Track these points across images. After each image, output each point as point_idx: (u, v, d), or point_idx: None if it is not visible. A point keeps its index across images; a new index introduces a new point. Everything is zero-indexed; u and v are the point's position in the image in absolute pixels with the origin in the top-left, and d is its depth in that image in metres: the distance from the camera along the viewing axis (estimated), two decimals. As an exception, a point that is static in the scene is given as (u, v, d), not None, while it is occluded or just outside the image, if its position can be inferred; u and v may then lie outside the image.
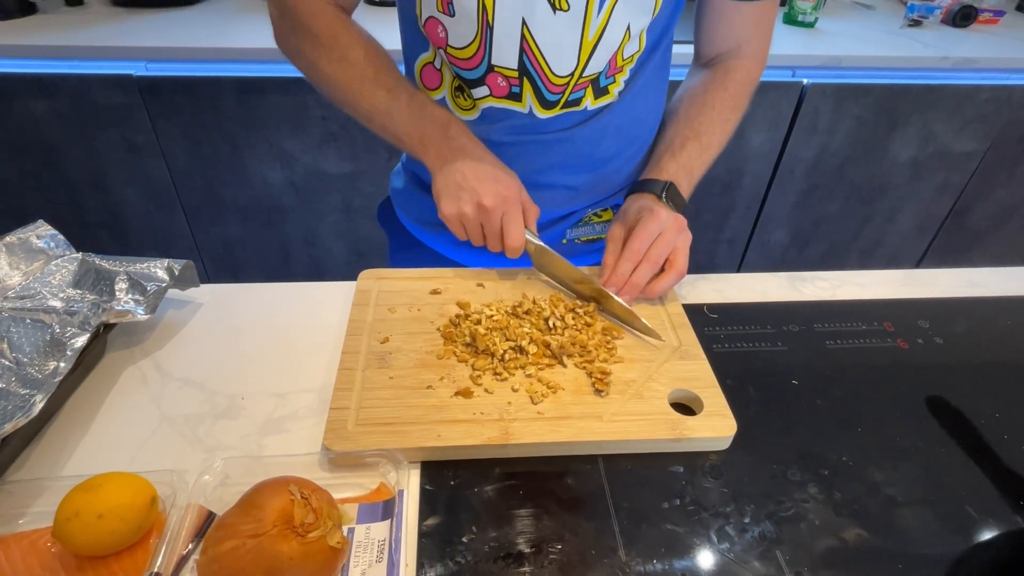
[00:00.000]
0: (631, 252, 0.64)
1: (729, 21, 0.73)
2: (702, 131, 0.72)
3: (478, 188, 0.62)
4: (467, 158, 0.63)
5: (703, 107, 0.73)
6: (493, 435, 0.52)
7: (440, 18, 0.63)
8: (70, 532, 0.41)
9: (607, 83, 0.68)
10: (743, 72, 0.75)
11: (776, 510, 0.50)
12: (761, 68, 0.78)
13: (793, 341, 0.66)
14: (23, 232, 0.63)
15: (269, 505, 0.41)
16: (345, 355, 0.58)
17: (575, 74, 0.64)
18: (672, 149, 0.72)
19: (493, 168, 0.64)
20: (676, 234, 0.65)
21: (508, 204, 0.63)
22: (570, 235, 0.81)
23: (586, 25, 0.61)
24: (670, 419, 0.54)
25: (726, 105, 0.74)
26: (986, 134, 1.63)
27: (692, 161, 0.71)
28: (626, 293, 0.64)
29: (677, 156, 0.71)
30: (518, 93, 0.66)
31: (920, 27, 1.67)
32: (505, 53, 0.63)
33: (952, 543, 0.48)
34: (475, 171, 0.62)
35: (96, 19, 1.46)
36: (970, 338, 0.68)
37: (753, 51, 0.76)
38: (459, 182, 0.62)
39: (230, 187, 1.55)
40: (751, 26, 0.74)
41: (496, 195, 0.62)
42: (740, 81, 0.75)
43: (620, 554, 0.46)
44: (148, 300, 0.61)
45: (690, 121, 0.73)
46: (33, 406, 0.49)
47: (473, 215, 0.63)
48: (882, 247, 1.88)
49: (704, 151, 0.72)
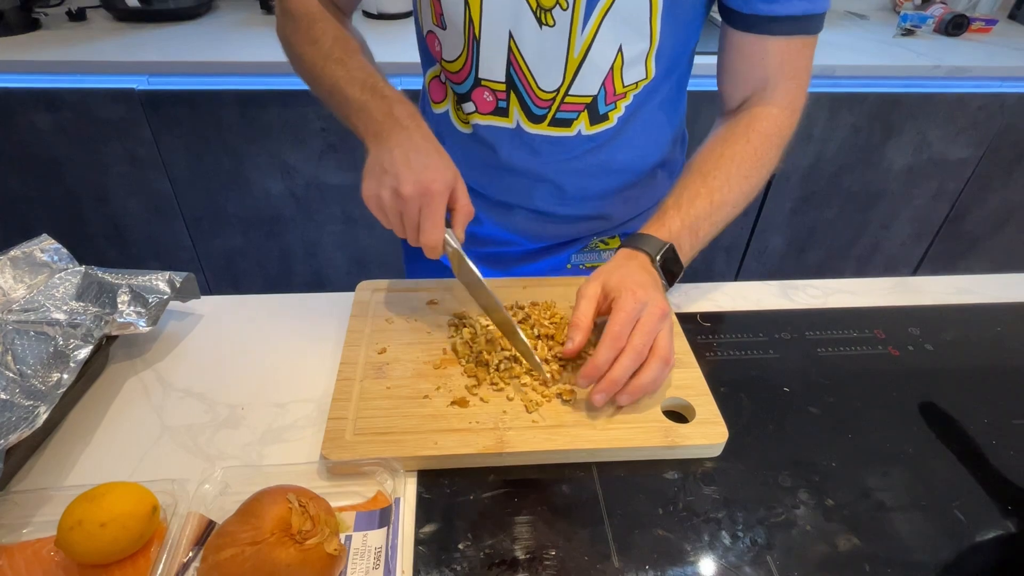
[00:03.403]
0: (611, 338, 0.53)
1: (751, 59, 0.66)
2: (715, 188, 0.64)
3: (400, 173, 0.55)
4: (404, 140, 0.57)
5: (720, 160, 0.65)
6: (489, 444, 0.52)
7: (436, 31, 0.64)
8: (73, 541, 0.42)
9: (607, 110, 0.66)
10: (768, 122, 0.67)
11: (768, 516, 0.50)
12: (792, 119, 0.68)
13: (785, 349, 0.67)
14: (27, 246, 0.65)
15: (268, 513, 0.42)
16: (343, 366, 0.59)
17: (560, 90, 0.64)
18: (679, 203, 0.64)
19: (427, 156, 0.57)
20: (658, 321, 0.55)
21: (429, 197, 0.55)
22: (575, 260, 0.81)
23: (571, 41, 0.61)
24: (663, 427, 0.55)
25: (746, 160, 0.65)
26: (980, 141, 1.64)
27: (699, 221, 0.63)
28: (603, 391, 0.53)
29: (684, 212, 0.63)
30: (504, 108, 0.66)
31: (913, 36, 1.69)
32: (492, 66, 0.63)
33: (942, 548, 0.49)
34: (406, 155, 0.56)
35: (98, 34, 1.48)
36: (960, 345, 0.69)
37: (781, 97, 0.67)
38: (385, 164, 0.56)
39: (231, 199, 1.57)
40: (777, 66, 0.65)
41: (417, 184, 0.55)
42: (764, 133, 0.66)
43: (613, 560, 0.47)
44: (150, 312, 0.62)
45: (704, 176, 0.65)
46: (37, 417, 0.49)
47: (390, 201, 0.56)
48: (879, 254, 1.89)
49: (715, 211, 0.64)
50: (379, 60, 0.70)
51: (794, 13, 0.62)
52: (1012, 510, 0.52)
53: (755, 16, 0.62)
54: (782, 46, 0.64)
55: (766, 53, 0.65)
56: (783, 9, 0.61)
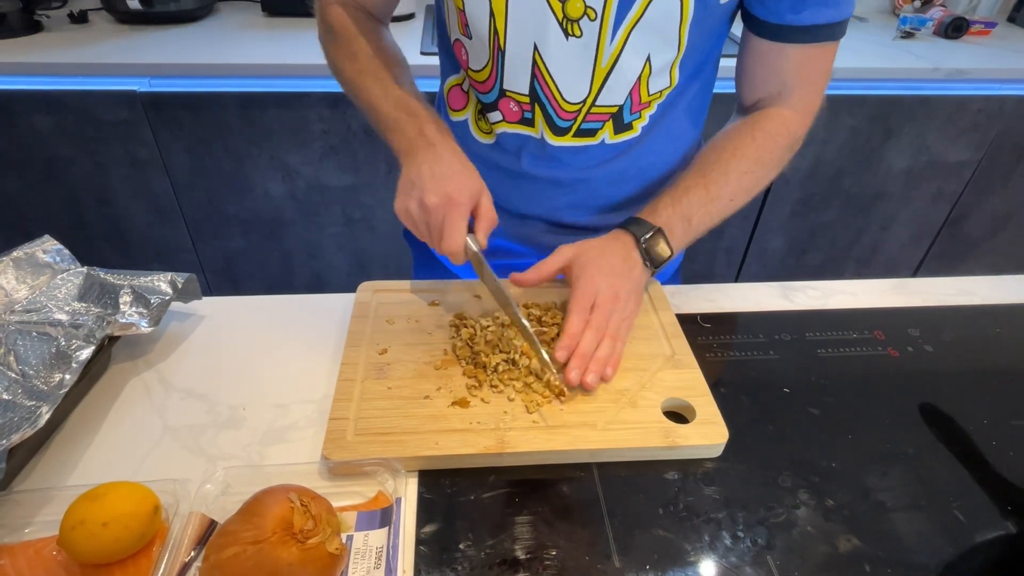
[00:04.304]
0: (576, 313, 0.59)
1: (770, 65, 0.66)
2: (712, 180, 0.65)
3: (426, 185, 0.58)
4: (431, 156, 0.60)
5: (721, 154, 0.67)
6: (489, 444, 0.53)
7: (463, 40, 0.65)
8: (75, 540, 0.42)
9: (632, 119, 0.67)
10: (777, 122, 0.67)
11: (768, 516, 0.51)
12: (804, 123, 0.69)
13: (785, 350, 0.67)
14: (30, 247, 0.65)
15: (269, 513, 0.42)
16: (344, 366, 0.60)
17: (587, 101, 0.64)
18: (675, 193, 0.66)
19: (451, 167, 0.60)
20: (611, 303, 0.59)
21: (452, 206, 0.58)
22: None
23: (599, 52, 0.60)
24: (663, 427, 0.55)
25: (747, 155, 0.66)
26: (979, 144, 1.64)
27: (693, 209, 0.65)
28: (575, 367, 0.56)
29: (678, 201, 0.65)
30: (530, 119, 0.67)
31: (912, 39, 1.69)
32: (517, 78, 0.63)
33: (942, 548, 0.49)
34: (432, 169, 0.59)
35: (100, 37, 1.49)
36: (959, 346, 0.69)
37: (795, 102, 0.67)
38: (413, 178, 0.59)
39: (232, 201, 1.57)
40: (794, 72, 0.65)
41: (441, 194, 0.58)
42: (771, 132, 0.67)
43: (614, 560, 0.47)
44: (152, 313, 0.62)
45: (704, 167, 0.67)
46: (39, 417, 0.50)
47: (417, 212, 0.59)
48: (879, 255, 1.89)
49: (710, 202, 0.65)
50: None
51: (819, 22, 0.61)
52: (1011, 510, 0.52)
53: (780, 25, 0.62)
54: (803, 53, 0.64)
55: (787, 60, 0.64)
56: (810, 18, 0.61)
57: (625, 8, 0.58)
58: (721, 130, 0.71)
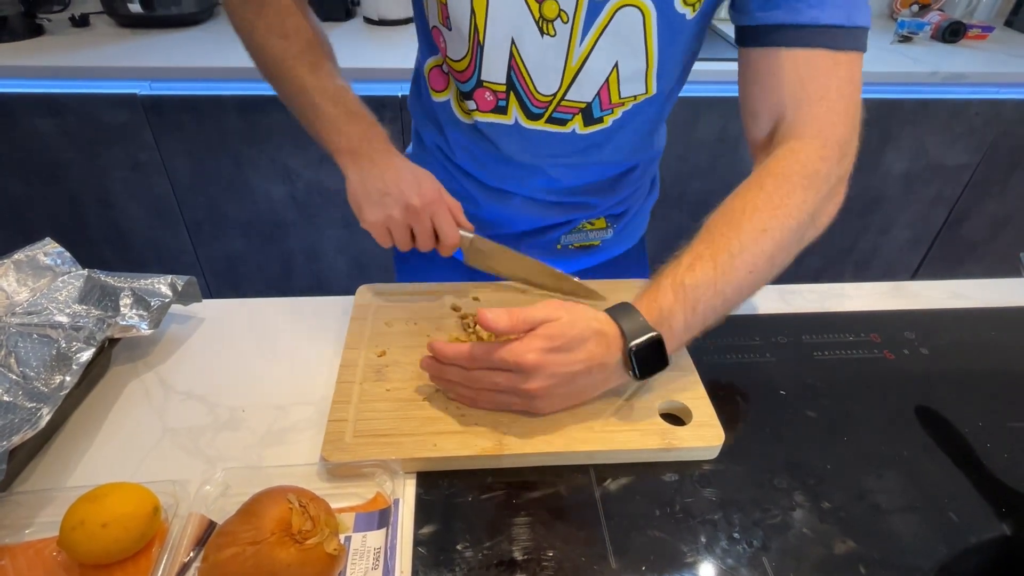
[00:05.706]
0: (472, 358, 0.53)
1: (763, 80, 0.58)
2: (721, 248, 0.53)
3: (403, 191, 0.63)
4: (389, 164, 0.65)
5: (730, 215, 0.55)
6: (487, 446, 0.53)
7: (441, 29, 0.65)
8: (75, 541, 0.42)
9: (603, 114, 0.68)
10: (786, 161, 0.56)
11: (764, 518, 0.51)
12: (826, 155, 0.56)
13: (781, 352, 0.68)
14: (31, 250, 0.65)
15: (268, 513, 0.42)
16: (343, 368, 0.60)
17: (557, 95, 0.66)
18: (677, 270, 0.54)
19: (411, 172, 0.65)
20: (521, 383, 0.51)
21: (435, 204, 0.64)
22: (564, 241, 0.84)
23: (570, 52, 0.62)
24: (660, 429, 0.55)
25: (759, 210, 0.54)
26: (977, 147, 1.65)
27: (699, 291, 0.52)
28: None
29: (680, 282, 0.53)
30: (504, 107, 0.68)
31: (910, 43, 1.70)
32: (494, 69, 0.65)
33: (937, 550, 0.49)
34: (395, 176, 0.64)
35: (101, 40, 1.49)
36: (955, 349, 0.69)
37: (806, 126, 0.57)
38: (381, 188, 0.64)
39: (232, 203, 1.57)
40: (794, 85, 0.56)
41: (422, 196, 0.63)
42: (780, 173, 0.55)
43: (611, 561, 0.47)
44: (152, 315, 0.63)
45: (711, 233, 0.55)
46: (40, 419, 0.50)
47: (401, 218, 0.64)
48: (878, 259, 1.89)
49: (721, 276, 0.53)
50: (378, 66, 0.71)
51: (800, 22, 0.54)
52: (1006, 512, 0.52)
53: (756, 27, 0.57)
54: (797, 61, 0.56)
55: (779, 68, 0.56)
56: (784, 16, 0.55)
57: (593, 15, 0.59)
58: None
